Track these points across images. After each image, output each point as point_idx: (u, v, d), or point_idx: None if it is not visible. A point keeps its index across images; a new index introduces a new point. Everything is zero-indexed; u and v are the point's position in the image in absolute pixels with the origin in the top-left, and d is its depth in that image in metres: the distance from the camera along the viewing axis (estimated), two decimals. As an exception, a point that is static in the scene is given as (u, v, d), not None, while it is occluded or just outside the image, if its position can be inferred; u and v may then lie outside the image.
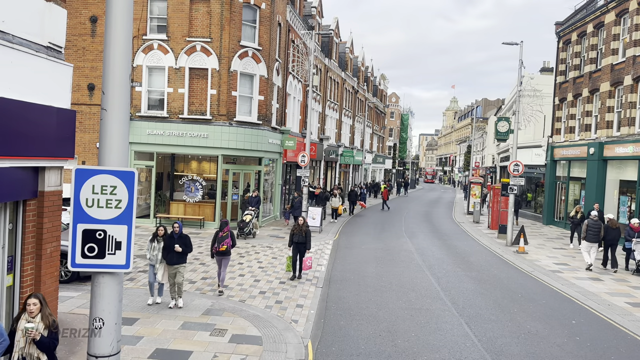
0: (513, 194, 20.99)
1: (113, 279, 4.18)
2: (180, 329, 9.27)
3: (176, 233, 10.65)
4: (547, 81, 32.68)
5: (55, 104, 7.23)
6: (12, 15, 6.54)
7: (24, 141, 6.63)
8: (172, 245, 10.50)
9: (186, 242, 10.68)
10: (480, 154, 66.40)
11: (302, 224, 13.56)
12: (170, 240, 10.59)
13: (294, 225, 13.82)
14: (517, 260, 17.74)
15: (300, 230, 13.55)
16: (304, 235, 13.46)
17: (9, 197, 6.76)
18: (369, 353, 8.67)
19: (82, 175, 4.10)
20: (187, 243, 10.72)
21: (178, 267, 10.58)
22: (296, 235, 13.51)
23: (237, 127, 21.70)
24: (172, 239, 10.62)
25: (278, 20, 24.10)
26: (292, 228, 13.79)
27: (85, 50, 21.57)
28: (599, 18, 24.91)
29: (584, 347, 9.35)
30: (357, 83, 49.04)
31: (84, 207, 4.11)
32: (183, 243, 10.61)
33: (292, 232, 13.67)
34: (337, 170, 43.21)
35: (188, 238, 10.78)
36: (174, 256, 10.52)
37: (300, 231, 13.52)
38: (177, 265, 10.57)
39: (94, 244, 4.14)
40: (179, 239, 10.62)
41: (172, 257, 10.52)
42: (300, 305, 11.27)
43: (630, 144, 21.04)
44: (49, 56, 7.19)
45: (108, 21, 4.08)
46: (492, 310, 11.51)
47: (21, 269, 7.12)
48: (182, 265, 10.66)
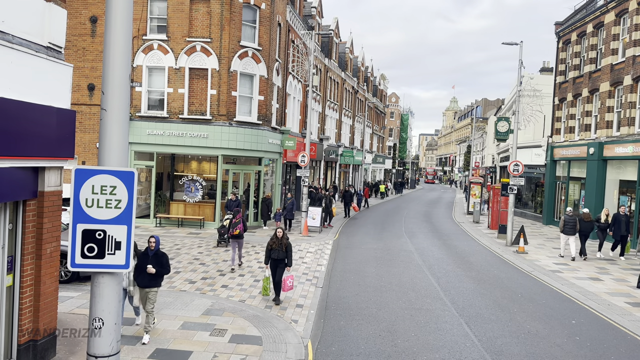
0: (513, 194, 21.00)
1: (113, 279, 4.19)
2: (180, 329, 9.27)
3: (151, 249, 8.92)
4: (547, 81, 32.70)
5: (55, 104, 7.23)
6: (12, 15, 6.54)
7: (24, 141, 6.63)
8: (144, 265, 8.79)
9: (162, 262, 8.90)
10: (480, 154, 66.41)
11: (282, 236, 11.24)
12: (144, 259, 8.86)
13: (272, 238, 11.32)
14: (517, 260, 17.74)
15: (279, 243, 11.20)
16: (284, 250, 11.17)
17: (9, 197, 6.76)
18: (369, 353, 8.67)
19: (81, 176, 4.10)
20: (164, 263, 8.92)
21: (148, 292, 8.83)
22: (274, 250, 11.18)
23: (237, 127, 21.71)
24: (145, 256, 8.89)
25: (278, 20, 24.11)
26: (270, 241, 11.27)
27: (85, 50, 21.58)
28: (599, 18, 24.92)
29: (583, 347, 9.35)
30: (357, 83, 49.05)
31: (83, 207, 4.11)
32: (158, 262, 8.85)
33: (270, 246, 11.25)
34: (337, 170, 43.21)
35: (165, 257, 9.02)
36: (145, 277, 8.81)
37: (279, 245, 11.19)
38: (147, 289, 8.84)
39: (93, 244, 4.14)
40: (154, 258, 8.88)
41: (143, 278, 8.82)
42: (300, 305, 11.27)
43: (630, 144, 21.04)
44: (49, 56, 7.19)
45: (108, 21, 4.08)
46: (492, 310, 11.51)
47: (21, 269, 7.12)
48: (152, 290, 8.86)
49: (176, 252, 16.34)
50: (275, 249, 11.17)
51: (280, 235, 11.21)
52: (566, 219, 18.14)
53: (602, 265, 17.11)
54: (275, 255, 11.15)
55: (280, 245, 11.19)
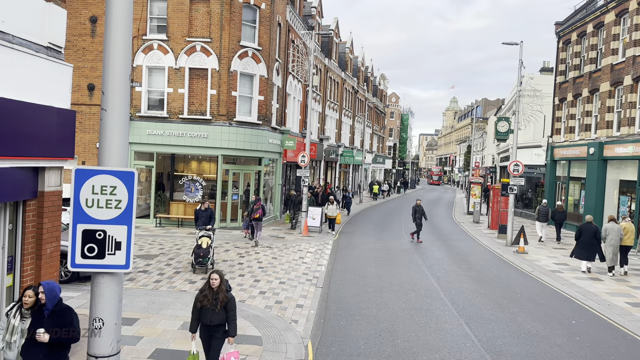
0: (513, 194, 21.00)
1: (113, 279, 4.19)
2: (181, 329, 9.27)
3: (45, 307, 5.51)
4: (547, 81, 32.68)
5: (55, 104, 7.23)
6: (12, 15, 6.54)
7: (23, 141, 6.63)
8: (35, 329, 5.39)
9: (63, 322, 5.49)
10: (480, 154, 66.41)
11: (218, 286, 6.88)
12: (36, 319, 5.50)
13: (202, 290, 7.01)
14: (517, 260, 17.74)
15: (213, 299, 6.83)
16: (223, 308, 6.89)
17: (9, 197, 6.76)
18: (369, 353, 8.67)
19: (81, 176, 4.10)
20: (67, 323, 5.50)
21: None
22: (206, 310, 6.87)
23: (237, 127, 21.70)
24: (39, 316, 5.52)
25: (278, 20, 24.10)
26: (199, 295, 6.99)
27: (85, 50, 21.57)
28: (599, 18, 24.91)
29: (584, 347, 9.35)
30: (357, 83, 49.05)
31: (83, 207, 4.11)
32: (57, 323, 5.45)
33: (199, 303, 6.92)
34: (337, 170, 43.20)
35: (69, 314, 5.60)
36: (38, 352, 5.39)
37: (214, 302, 6.83)
38: None
39: (93, 244, 4.14)
40: (51, 318, 5.48)
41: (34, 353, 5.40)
42: (300, 305, 11.27)
43: (630, 144, 21.03)
44: (48, 56, 7.20)
45: (108, 21, 4.08)
46: (492, 310, 11.51)
47: (21, 269, 7.13)
48: None
49: (176, 252, 16.34)
50: (207, 307, 6.85)
51: (216, 286, 6.85)
52: (540, 209, 22.41)
53: (602, 266, 17.10)
54: (208, 320, 6.87)
55: (215, 302, 6.82)
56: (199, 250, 13.70)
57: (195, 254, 13.71)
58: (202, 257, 13.60)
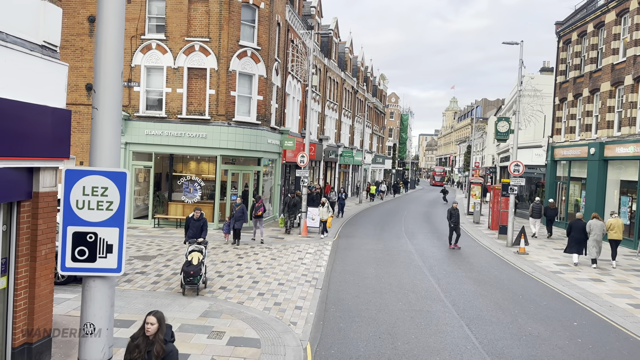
0: (513, 194, 20.89)
1: (104, 283, 4.08)
2: (178, 332, 9.15)
3: None
4: (547, 81, 32.60)
5: (50, 104, 7.12)
6: (6, 13, 6.43)
7: (18, 141, 6.53)
8: None
9: None
10: (480, 154, 66.31)
11: (154, 333, 5.18)
12: None
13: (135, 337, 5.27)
14: (518, 261, 17.63)
15: (145, 351, 5.12)
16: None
17: (3, 198, 6.65)
18: (369, 355, 8.56)
19: (72, 176, 3.99)
20: None
21: None
22: None
23: (235, 127, 21.60)
24: None
25: (277, 20, 24.00)
26: (130, 344, 5.22)
27: (83, 50, 21.45)
28: (600, 18, 24.82)
29: (585, 350, 9.24)
30: (357, 83, 48.96)
31: (74, 209, 4.01)
32: None
33: (128, 354, 5.18)
34: (336, 171, 43.10)
35: None
36: None
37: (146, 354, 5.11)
38: None
39: (84, 247, 4.04)
40: None
41: None
42: (299, 307, 11.16)
43: (631, 144, 20.94)
44: (44, 55, 7.08)
45: (99, 19, 3.99)
46: (493, 311, 11.41)
47: (15, 271, 7.01)
48: None
49: (174, 253, 16.23)
50: None
51: (151, 333, 5.18)
52: (534, 206, 23.84)
53: (603, 266, 17.00)
54: None
55: (148, 355, 5.10)
56: (188, 267, 11.44)
57: (184, 273, 11.39)
58: (193, 275, 11.37)
